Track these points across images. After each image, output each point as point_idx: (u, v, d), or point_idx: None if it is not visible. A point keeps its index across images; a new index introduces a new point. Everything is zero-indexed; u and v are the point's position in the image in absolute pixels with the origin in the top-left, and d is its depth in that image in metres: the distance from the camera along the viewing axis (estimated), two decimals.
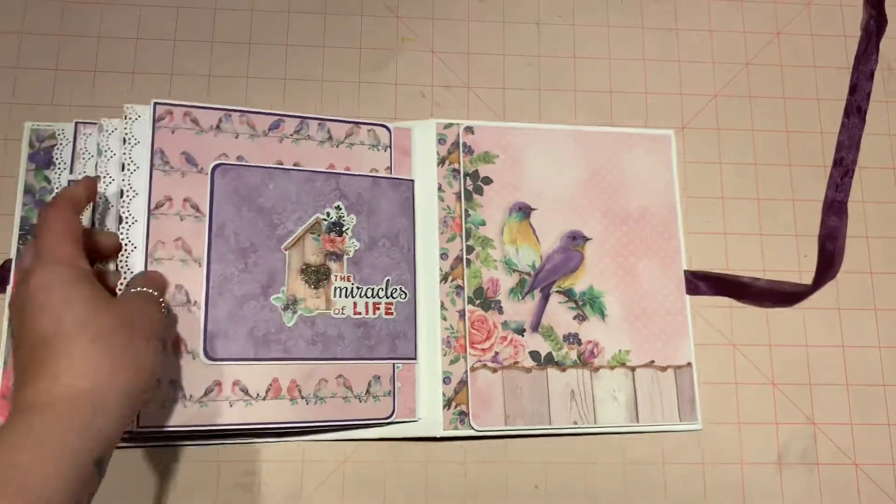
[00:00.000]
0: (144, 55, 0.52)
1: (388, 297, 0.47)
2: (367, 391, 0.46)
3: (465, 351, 0.48)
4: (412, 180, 0.50)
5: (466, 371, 0.48)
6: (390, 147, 0.50)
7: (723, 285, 0.51)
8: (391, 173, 0.49)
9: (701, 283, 0.51)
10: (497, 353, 0.48)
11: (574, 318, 0.49)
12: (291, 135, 0.48)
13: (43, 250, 0.35)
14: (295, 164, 0.47)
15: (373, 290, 0.47)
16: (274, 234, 0.46)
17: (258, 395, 0.44)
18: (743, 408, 0.49)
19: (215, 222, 0.45)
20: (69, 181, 0.47)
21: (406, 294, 0.48)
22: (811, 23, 0.57)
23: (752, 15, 0.57)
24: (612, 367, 0.49)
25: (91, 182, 0.40)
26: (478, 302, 0.49)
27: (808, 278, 0.52)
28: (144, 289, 0.38)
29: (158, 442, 0.46)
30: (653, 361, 0.49)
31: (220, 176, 0.45)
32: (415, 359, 0.47)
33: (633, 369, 0.49)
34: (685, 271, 0.51)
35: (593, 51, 0.55)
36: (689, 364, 0.49)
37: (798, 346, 0.51)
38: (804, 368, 0.50)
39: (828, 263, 0.52)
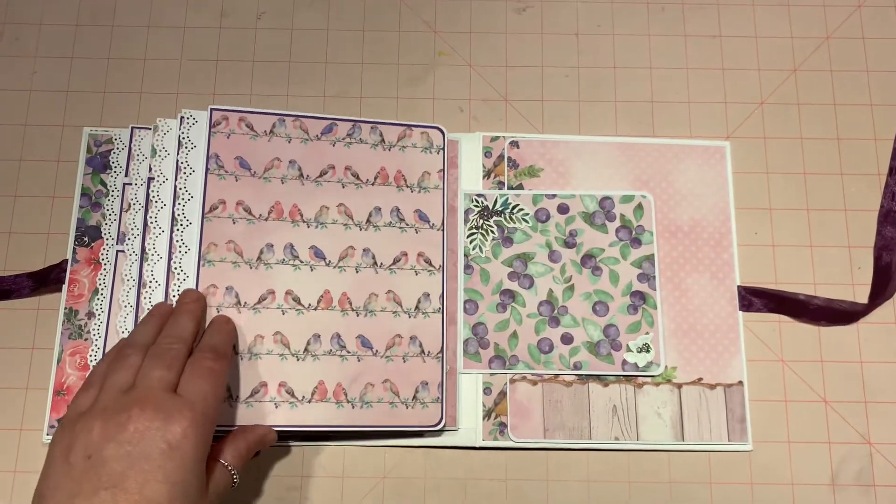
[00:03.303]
0: (188, 75, 0.55)
1: None
2: (415, 397, 0.47)
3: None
4: None
5: (506, 383, 0.49)
6: (443, 149, 0.51)
7: (778, 303, 0.51)
8: (444, 176, 0.51)
9: (755, 299, 0.51)
10: None
11: None
12: (344, 138, 0.50)
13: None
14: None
15: None
16: None
17: (304, 397, 0.46)
18: (793, 426, 0.49)
19: None
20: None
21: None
22: (863, 25, 0.57)
23: (799, 19, 0.57)
24: (658, 384, 0.49)
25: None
26: None
27: (861, 291, 0.52)
28: None
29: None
30: (700, 379, 0.49)
31: None
32: (455, 367, 0.49)
33: (679, 386, 0.49)
34: (738, 287, 0.51)
35: (634, 60, 0.56)
36: (741, 383, 0.49)
37: (851, 362, 0.50)
38: (858, 385, 0.50)
39: (884, 275, 0.51)
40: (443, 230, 0.50)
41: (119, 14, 0.57)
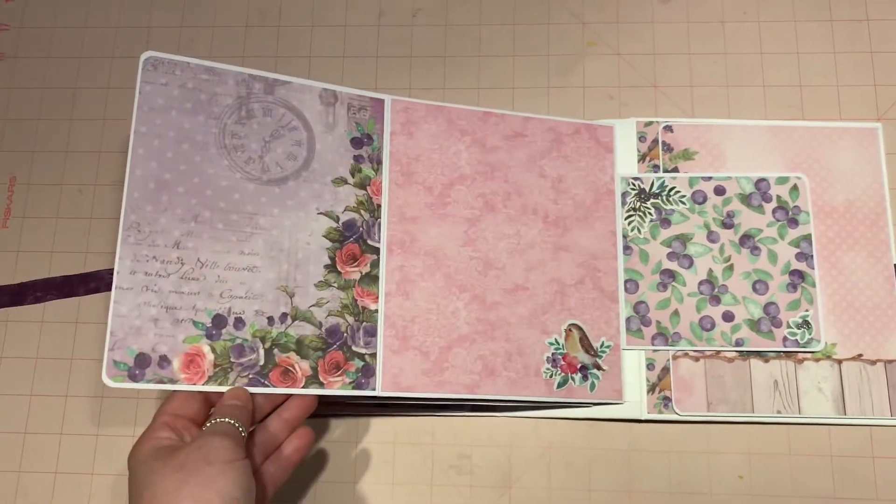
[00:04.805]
0: (350, 72, 0.59)
1: None
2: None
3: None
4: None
5: (669, 359, 0.51)
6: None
7: None
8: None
9: None
10: None
11: None
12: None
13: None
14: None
15: None
16: None
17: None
18: None
19: None
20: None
21: None
22: None
23: None
24: (818, 360, 0.51)
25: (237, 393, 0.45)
26: None
27: None
28: (225, 419, 0.42)
29: (376, 411, 0.53)
30: (860, 355, 0.51)
31: None
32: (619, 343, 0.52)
33: (839, 362, 0.50)
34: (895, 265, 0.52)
35: (781, 46, 0.58)
36: None
37: None
38: None
39: None
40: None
41: (284, 15, 0.61)
